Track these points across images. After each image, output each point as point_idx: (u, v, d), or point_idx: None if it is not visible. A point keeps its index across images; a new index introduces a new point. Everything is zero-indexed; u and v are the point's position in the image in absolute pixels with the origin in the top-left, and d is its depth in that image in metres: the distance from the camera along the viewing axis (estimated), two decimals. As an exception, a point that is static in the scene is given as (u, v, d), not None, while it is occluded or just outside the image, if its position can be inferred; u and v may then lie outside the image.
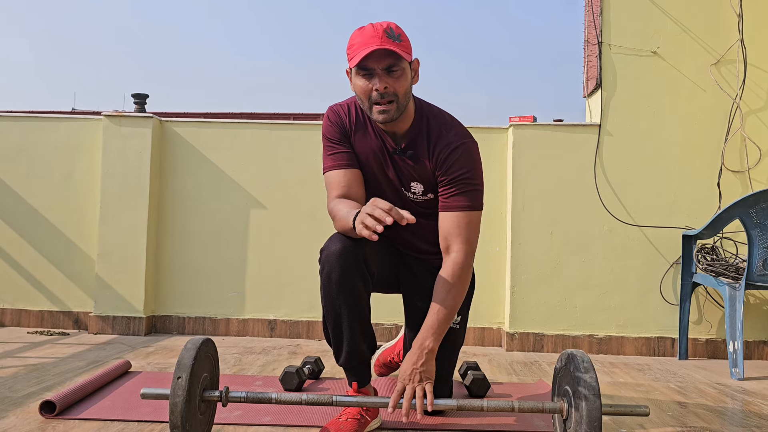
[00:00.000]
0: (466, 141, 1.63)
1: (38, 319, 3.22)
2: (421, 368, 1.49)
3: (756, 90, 3.04)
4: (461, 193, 1.60)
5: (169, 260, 3.22)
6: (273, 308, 3.19)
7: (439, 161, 1.61)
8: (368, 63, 1.52)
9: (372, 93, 1.53)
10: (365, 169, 1.69)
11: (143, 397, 1.47)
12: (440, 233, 1.62)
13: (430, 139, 1.63)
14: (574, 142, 3.06)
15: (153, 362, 2.48)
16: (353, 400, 1.47)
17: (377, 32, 1.52)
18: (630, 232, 3.01)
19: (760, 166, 3.01)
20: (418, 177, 1.65)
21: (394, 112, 1.55)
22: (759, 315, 3.00)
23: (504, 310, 3.09)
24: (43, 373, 2.20)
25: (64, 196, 3.24)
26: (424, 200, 1.68)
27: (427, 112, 1.66)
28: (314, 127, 3.26)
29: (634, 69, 3.06)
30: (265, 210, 3.21)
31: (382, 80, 1.52)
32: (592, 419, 1.33)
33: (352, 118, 1.67)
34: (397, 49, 1.51)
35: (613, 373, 2.55)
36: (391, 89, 1.53)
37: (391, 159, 1.66)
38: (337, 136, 1.66)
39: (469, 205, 1.60)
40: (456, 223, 1.59)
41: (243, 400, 1.48)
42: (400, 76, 1.53)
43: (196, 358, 1.43)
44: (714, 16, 3.05)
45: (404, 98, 1.56)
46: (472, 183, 1.61)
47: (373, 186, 1.70)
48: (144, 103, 3.47)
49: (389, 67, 1.52)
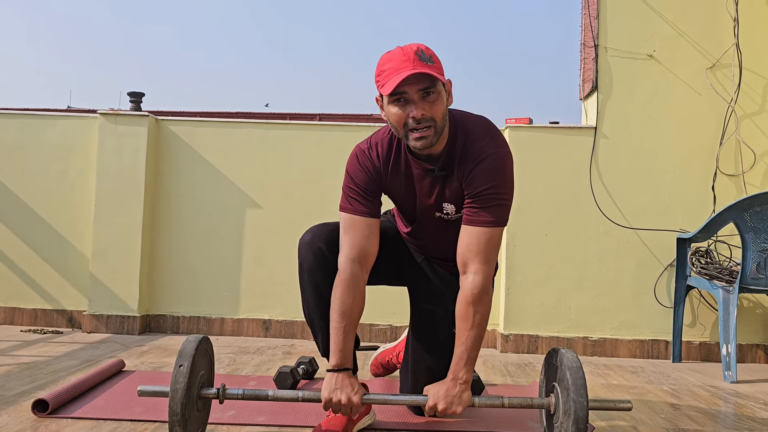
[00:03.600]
0: (495, 151, 1.54)
1: (32, 318, 3.21)
2: (454, 402, 1.47)
3: (751, 94, 3.05)
4: (484, 208, 1.52)
5: (163, 259, 3.21)
6: (268, 308, 3.18)
7: (465, 177, 1.55)
8: (402, 89, 1.43)
9: (408, 120, 1.46)
10: (401, 198, 1.65)
11: (140, 394, 1.48)
12: (459, 247, 1.56)
13: (462, 154, 1.56)
14: (570, 145, 3.07)
15: (147, 361, 2.47)
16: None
17: (408, 56, 1.45)
18: (625, 234, 3.02)
19: (754, 170, 3.02)
20: (450, 198, 1.60)
21: (432, 137, 1.47)
22: (752, 318, 3.01)
23: (499, 311, 3.09)
24: (36, 372, 2.19)
25: (59, 194, 3.23)
26: (458, 217, 1.62)
27: (462, 125, 1.58)
28: (310, 127, 3.26)
29: (630, 72, 3.07)
30: (261, 209, 3.20)
31: (419, 106, 1.44)
32: (578, 414, 1.35)
33: (384, 157, 1.60)
34: (432, 71, 1.43)
35: (607, 375, 2.56)
36: (429, 114, 1.45)
37: (426, 183, 1.60)
38: (362, 182, 1.59)
39: (493, 220, 1.52)
40: (477, 239, 1.52)
41: (240, 397, 1.49)
42: (436, 99, 1.46)
43: (197, 350, 1.45)
44: (710, 20, 3.06)
45: (441, 122, 1.48)
46: (498, 197, 1.53)
47: (408, 211, 1.68)
48: (140, 101, 3.46)
49: (425, 90, 1.44)
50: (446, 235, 1.65)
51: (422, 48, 1.48)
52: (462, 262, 1.54)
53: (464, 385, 1.49)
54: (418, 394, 1.57)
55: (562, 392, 1.42)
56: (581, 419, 1.34)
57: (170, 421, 1.39)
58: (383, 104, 1.51)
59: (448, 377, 1.51)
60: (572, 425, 1.35)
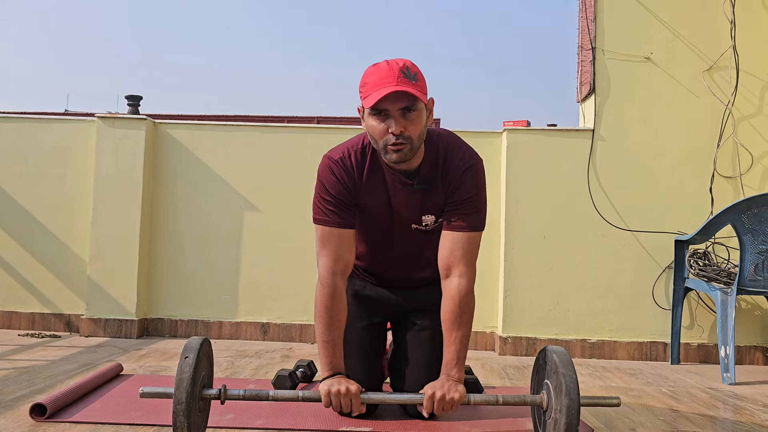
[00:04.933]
0: (476, 161, 1.62)
1: (29, 322, 3.20)
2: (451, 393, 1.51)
3: (748, 96, 3.06)
4: (467, 215, 1.59)
5: (161, 262, 3.21)
6: (266, 311, 3.18)
7: (450, 184, 1.60)
8: (383, 104, 1.47)
9: (387, 135, 1.50)
10: (375, 209, 1.67)
11: (142, 395, 1.48)
12: (441, 251, 1.60)
13: (441, 166, 1.61)
14: (568, 147, 3.07)
15: (145, 365, 2.47)
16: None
17: (393, 72, 1.47)
18: (623, 236, 3.03)
19: (752, 172, 3.03)
20: (430, 208, 1.64)
21: (408, 153, 1.51)
22: (751, 320, 3.01)
23: (497, 314, 3.09)
24: (34, 376, 2.19)
25: (56, 197, 3.22)
26: (435, 227, 1.67)
27: (436, 139, 1.63)
28: (308, 130, 3.26)
29: (627, 74, 3.08)
30: (259, 212, 3.20)
31: (399, 123, 1.48)
32: (570, 410, 1.37)
33: (359, 167, 1.62)
34: (414, 90, 1.47)
35: (606, 377, 2.56)
36: (407, 133, 1.49)
37: (404, 195, 1.64)
38: (337, 193, 1.62)
39: (473, 225, 1.59)
40: (460, 243, 1.57)
41: (241, 397, 1.50)
42: (416, 118, 1.50)
43: (202, 345, 1.48)
44: (707, 22, 3.07)
45: (418, 140, 1.53)
46: (479, 204, 1.61)
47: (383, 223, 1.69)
48: (138, 105, 3.44)
49: (406, 108, 1.48)
50: (419, 246, 1.71)
51: (408, 65, 1.51)
52: (446, 266, 1.59)
53: (458, 381, 1.55)
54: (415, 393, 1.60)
55: (554, 389, 1.44)
56: (573, 415, 1.36)
57: (175, 411, 1.38)
58: (364, 115, 1.55)
59: (441, 376, 1.57)
60: (564, 421, 1.37)
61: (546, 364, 1.50)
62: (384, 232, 1.73)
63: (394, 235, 1.72)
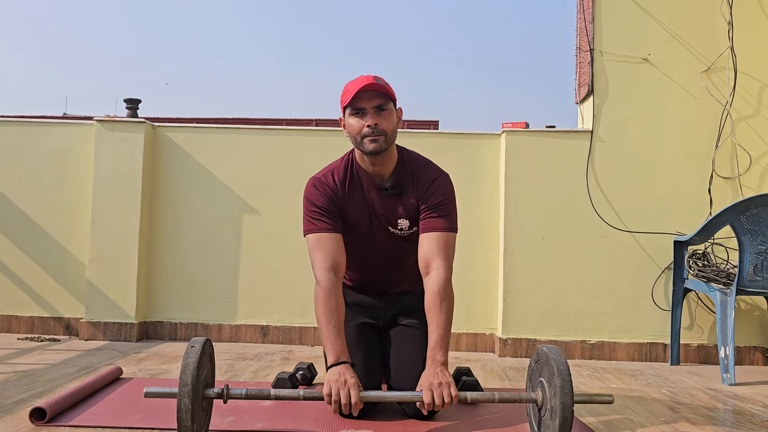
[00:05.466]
0: (443, 174, 1.88)
1: (29, 325, 3.20)
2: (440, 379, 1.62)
3: (746, 97, 3.06)
4: (441, 217, 1.80)
5: (161, 265, 3.21)
6: (265, 314, 3.18)
7: (422, 193, 1.83)
8: (360, 103, 1.74)
9: (364, 129, 1.75)
10: (357, 216, 1.86)
11: (147, 395, 1.52)
12: (420, 253, 1.79)
13: (413, 176, 1.85)
14: (567, 148, 3.08)
15: (145, 368, 2.46)
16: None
17: (367, 78, 1.76)
18: (622, 237, 3.03)
19: (750, 173, 3.03)
20: (404, 214, 1.86)
21: (383, 143, 1.76)
22: (750, 320, 3.01)
23: (497, 315, 3.09)
24: (34, 380, 2.18)
25: (55, 200, 3.22)
26: (410, 233, 1.87)
27: (407, 156, 1.89)
28: (307, 132, 3.26)
29: (625, 76, 3.08)
30: (258, 215, 3.20)
31: (373, 117, 1.74)
32: (564, 405, 1.42)
33: (341, 179, 1.86)
34: (385, 91, 1.76)
35: (606, 378, 2.56)
36: (381, 126, 1.75)
37: (380, 199, 1.86)
38: (323, 204, 1.83)
39: (448, 227, 1.80)
40: (437, 242, 1.77)
41: (243, 396, 1.55)
42: (388, 115, 1.77)
43: (204, 345, 1.52)
44: (704, 23, 3.08)
45: (391, 135, 1.78)
46: (450, 208, 1.83)
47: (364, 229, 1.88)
48: (136, 108, 3.44)
49: (379, 106, 1.75)
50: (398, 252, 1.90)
51: (379, 77, 1.79)
52: (425, 263, 1.77)
53: (443, 366, 1.66)
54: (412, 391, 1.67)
55: (549, 386, 1.49)
56: (567, 411, 1.42)
57: (179, 409, 1.42)
58: (345, 120, 1.81)
59: (428, 363, 1.68)
60: (559, 416, 1.43)
61: (540, 362, 1.56)
62: (365, 238, 1.90)
63: (374, 240, 1.90)
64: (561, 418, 1.43)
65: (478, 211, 3.13)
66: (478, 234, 3.12)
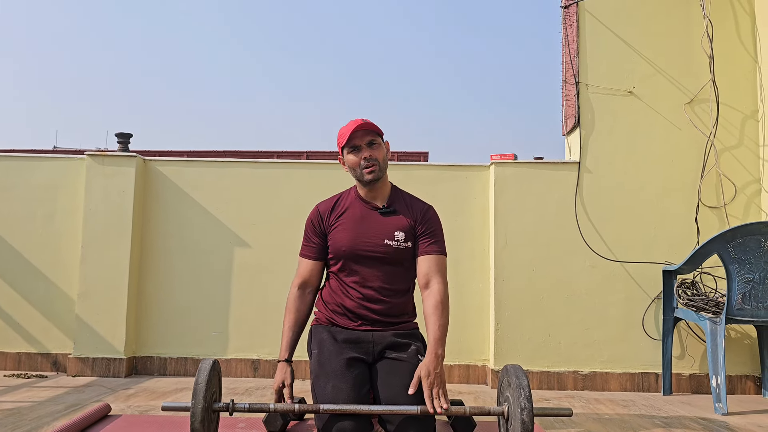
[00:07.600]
0: (431, 207, 2.19)
1: (15, 362, 3.16)
2: (435, 371, 1.86)
3: (729, 128, 3.12)
4: (435, 242, 2.11)
5: (151, 300, 3.19)
6: (256, 348, 3.15)
7: (417, 217, 2.13)
8: (355, 141, 2.08)
9: (361, 162, 2.08)
10: (357, 227, 2.12)
11: (164, 410, 1.74)
12: (420, 272, 2.08)
13: (406, 203, 2.17)
14: (555, 180, 3.11)
15: (134, 405, 2.43)
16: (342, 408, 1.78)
17: (356, 121, 2.08)
18: (611, 267, 3.05)
19: (735, 202, 3.08)
20: (400, 227, 2.12)
21: (378, 171, 2.09)
22: (740, 349, 3.02)
23: (489, 346, 3.08)
24: (20, 418, 2.15)
25: (45, 235, 3.21)
26: (405, 248, 2.10)
27: (399, 189, 2.22)
28: (298, 165, 3.28)
29: (611, 108, 3.14)
30: (249, 248, 3.20)
31: (366, 151, 2.08)
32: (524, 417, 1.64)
33: (334, 203, 2.18)
34: (373, 128, 2.10)
35: (598, 409, 2.55)
36: (374, 157, 2.08)
37: (377, 219, 2.13)
38: (310, 234, 2.18)
39: (440, 250, 2.10)
40: (435, 262, 2.08)
41: (246, 410, 1.77)
42: (378, 147, 2.10)
43: (213, 365, 1.79)
44: (686, 57, 3.15)
45: (383, 163, 2.11)
46: (441, 236, 2.14)
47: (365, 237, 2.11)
48: (128, 142, 3.44)
49: (370, 141, 2.08)
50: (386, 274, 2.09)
51: (367, 120, 2.10)
52: (425, 280, 2.06)
53: (441, 359, 1.91)
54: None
55: (513, 401, 1.71)
56: (527, 421, 1.64)
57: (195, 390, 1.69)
58: (344, 158, 2.12)
59: (429, 354, 1.91)
60: (520, 426, 1.64)
61: (506, 379, 1.80)
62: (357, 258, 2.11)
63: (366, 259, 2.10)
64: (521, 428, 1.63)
65: (469, 242, 3.15)
66: (468, 265, 3.13)
